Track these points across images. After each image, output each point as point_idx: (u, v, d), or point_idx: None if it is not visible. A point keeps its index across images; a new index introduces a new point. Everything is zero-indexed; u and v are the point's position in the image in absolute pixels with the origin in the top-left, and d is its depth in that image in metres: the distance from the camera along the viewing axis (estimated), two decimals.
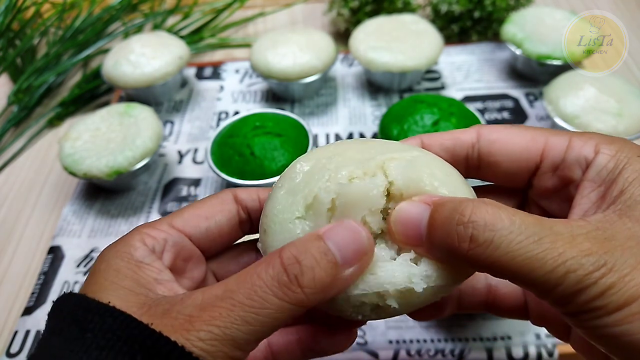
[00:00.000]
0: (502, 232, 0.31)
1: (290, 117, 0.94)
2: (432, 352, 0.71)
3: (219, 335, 0.32)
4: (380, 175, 0.39)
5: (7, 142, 1.13)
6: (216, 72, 1.22)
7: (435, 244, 0.35)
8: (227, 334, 0.32)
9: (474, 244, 0.32)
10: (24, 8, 1.28)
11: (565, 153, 0.40)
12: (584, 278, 0.31)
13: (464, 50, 1.21)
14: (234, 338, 0.33)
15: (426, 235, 0.35)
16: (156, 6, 1.40)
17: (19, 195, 1.02)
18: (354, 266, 0.35)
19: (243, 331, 0.33)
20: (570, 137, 0.40)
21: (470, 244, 0.32)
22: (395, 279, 0.36)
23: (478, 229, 0.32)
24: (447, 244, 0.33)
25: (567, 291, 0.31)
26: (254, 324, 0.33)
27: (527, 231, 0.32)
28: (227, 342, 0.33)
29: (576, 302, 0.31)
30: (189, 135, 1.08)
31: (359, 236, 0.35)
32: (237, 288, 0.34)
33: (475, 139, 0.43)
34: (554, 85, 0.95)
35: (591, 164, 0.38)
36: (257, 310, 0.33)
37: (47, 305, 0.80)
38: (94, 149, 0.89)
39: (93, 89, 1.19)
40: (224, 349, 0.33)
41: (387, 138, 0.89)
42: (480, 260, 0.32)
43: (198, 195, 0.95)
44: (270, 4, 1.45)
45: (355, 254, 0.35)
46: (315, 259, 0.34)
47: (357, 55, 1.06)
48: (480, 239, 0.32)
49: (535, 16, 1.10)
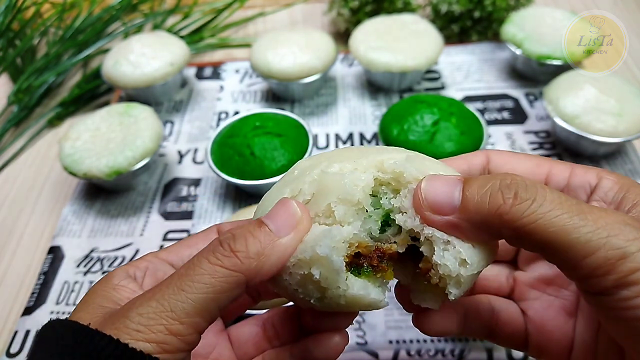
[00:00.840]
0: (543, 192, 0.33)
1: (290, 117, 0.94)
2: (432, 352, 0.71)
3: (157, 309, 0.35)
4: (371, 172, 0.41)
5: (7, 142, 1.13)
6: (216, 72, 1.22)
7: (472, 209, 0.36)
8: (165, 305, 0.35)
9: (518, 200, 0.34)
10: (24, 8, 1.28)
11: (569, 179, 0.42)
12: (625, 243, 0.31)
13: (464, 50, 1.21)
14: (172, 309, 0.35)
15: (461, 202, 0.36)
16: (156, 6, 1.40)
17: (19, 195, 1.02)
18: (290, 235, 0.38)
19: (180, 300, 0.35)
20: (572, 167, 0.43)
21: (514, 200, 0.34)
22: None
23: (522, 187, 0.34)
24: (488, 204, 0.35)
25: (608, 256, 0.31)
26: (190, 290, 0.35)
27: (564, 196, 0.34)
28: (165, 314, 0.34)
29: (616, 271, 0.31)
30: (189, 135, 1.08)
31: (290, 208, 0.39)
32: (178, 270, 0.37)
33: (486, 162, 0.45)
34: (554, 85, 0.95)
35: (596, 187, 0.40)
36: (192, 277, 0.36)
37: (47, 305, 0.80)
38: (94, 149, 0.89)
39: (93, 89, 1.19)
40: (162, 321, 0.34)
41: (387, 138, 0.89)
42: (521, 218, 0.33)
43: (198, 195, 0.95)
44: (270, 4, 1.45)
45: (287, 222, 0.38)
46: (248, 230, 0.38)
47: (357, 55, 1.06)
48: (525, 196, 0.34)
49: (535, 16, 1.10)
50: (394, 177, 0.40)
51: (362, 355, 0.72)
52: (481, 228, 0.36)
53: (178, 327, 0.35)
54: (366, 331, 0.74)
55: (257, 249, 0.37)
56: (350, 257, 0.40)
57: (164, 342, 0.34)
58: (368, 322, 0.75)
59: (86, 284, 0.83)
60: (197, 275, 0.36)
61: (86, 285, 0.82)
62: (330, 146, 1.02)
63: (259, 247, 0.37)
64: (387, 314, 0.75)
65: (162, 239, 0.88)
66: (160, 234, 0.89)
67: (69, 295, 0.81)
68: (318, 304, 0.39)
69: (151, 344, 0.34)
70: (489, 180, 0.36)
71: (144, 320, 0.34)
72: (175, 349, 0.35)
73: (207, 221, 0.90)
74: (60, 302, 0.80)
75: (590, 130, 0.87)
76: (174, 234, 0.89)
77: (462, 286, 0.38)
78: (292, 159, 0.87)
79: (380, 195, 0.41)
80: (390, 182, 0.41)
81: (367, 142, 1.02)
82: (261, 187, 0.87)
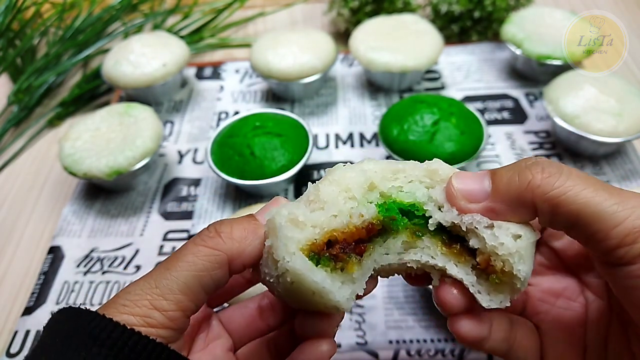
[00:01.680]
0: (568, 168, 0.36)
1: (290, 117, 0.94)
2: (432, 352, 0.71)
3: (144, 286, 0.38)
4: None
5: (7, 142, 1.13)
6: (216, 72, 1.22)
7: (503, 189, 0.38)
8: (151, 283, 0.38)
9: (546, 174, 0.36)
10: (24, 8, 1.28)
11: None
12: None
13: (464, 50, 1.21)
14: (156, 285, 0.38)
15: (492, 186, 0.39)
16: (156, 6, 1.40)
17: (19, 195, 1.02)
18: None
19: (165, 277, 0.38)
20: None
21: (542, 174, 0.36)
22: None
23: (547, 164, 0.37)
24: (519, 181, 0.37)
25: (635, 225, 0.33)
26: (174, 269, 0.38)
27: (587, 174, 0.36)
28: (151, 290, 0.38)
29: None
30: (189, 135, 1.08)
31: (280, 201, 0.43)
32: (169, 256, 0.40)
33: None
34: (554, 85, 0.95)
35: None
36: (178, 257, 0.39)
37: (47, 305, 0.80)
38: (94, 149, 0.89)
39: (93, 89, 1.19)
40: (147, 297, 0.37)
41: (387, 138, 0.89)
42: (552, 189, 0.36)
43: (198, 195, 0.95)
44: (270, 4, 1.45)
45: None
46: (235, 219, 0.42)
47: (357, 55, 1.06)
48: (552, 170, 0.36)
49: (535, 16, 1.10)
50: (428, 174, 0.43)
51: (362, 355, 0.72)
52: (516, 206, 0.38)
53: (162, 303, 0.37)
54: (366, 331, 0.74)
55: (241, 233, 0.40)
56: (321, 245, 0.40)
57: (147, 315, 0.37)
58: (368, 322, 0.75)
59: (86, 284, 0.83)
60: (182, 255, 0.39)
61: (86, 285, 0.82)
62: (330, 146, 1.02)
63: (243, 232, 0.40)
64: (387, 314, 0.75)
65: (162, 239, 0.88)
66: (160, 234, 0.89)
67: (69, 295, 0.81)
68: (280, 290, 0.40)
69: (135, 317, 0.36)
70: (513, 164, 0.39)
71: (130, 297, 0.37)
72: (159, 324, 0.37)
73: (207, 221, 0.90)
74: (61, 302, 0.80)
75: (590, 130, 0.87)
76: (174, 234, 0.89)
77: (526, 260, 0.39)
78: (292, 159, 0.87)
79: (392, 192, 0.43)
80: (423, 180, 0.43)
81: (367, 142, 1.02)
82: (261, 187, 0.87)
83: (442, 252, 0.42)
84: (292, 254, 0.38)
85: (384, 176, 0.43)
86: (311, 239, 0.40)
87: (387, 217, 0.42)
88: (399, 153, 0.87)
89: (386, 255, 0.43)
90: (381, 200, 0.42)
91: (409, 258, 0.42)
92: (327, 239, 0.40)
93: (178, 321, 0.38)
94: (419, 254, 0.42)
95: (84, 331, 0.35)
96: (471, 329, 0.42)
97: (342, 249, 0.40)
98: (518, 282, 0.39)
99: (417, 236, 0.42)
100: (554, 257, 0.50)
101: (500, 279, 0.40)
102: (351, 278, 0.41)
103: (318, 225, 0.40)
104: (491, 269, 0.40)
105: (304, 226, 0.40)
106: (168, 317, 0.37)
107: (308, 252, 0.39)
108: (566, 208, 0.35)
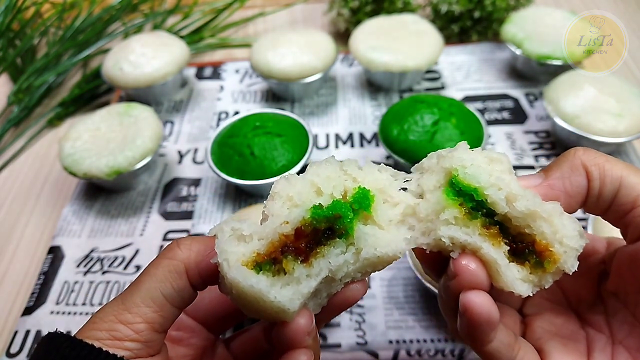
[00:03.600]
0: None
1: (290, 117, 0.94)
2: (432, 352, 0.71)
3: (113, 304, 0.40)
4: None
5: (7, 142, 1.13)
6: (216, 72, 1.22)
7: (554, 167, 0.43)
8: (118, 300, 0.40)
9: (586, 150, 0.42)
10: (24, 8, 1.28)
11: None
12: None
13: (464, 50, 1.21)
14: (123, 301, 0.40)
15: (544, 171, 0.44)
16: (156, 6, 1.40)
17: (19, 195, 1.02)
18: None
19: (130, 292, 0.40)
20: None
21: (583, 150, 0.42)
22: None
23: (582, 149, 0.43)
24: (566, 157, 0.43)
25: None
26: (138, 283, 0.40)
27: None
28: (118, 306, 0.39)
29: None
30: (189, 135, 1.08)
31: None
32: None
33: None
34: (554, 85, 0.95)
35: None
36: (144, 271, 0.41)
37: (47, 305, 0.80)
38: (94, 149, 0.89)
39: (93, 89, 1.19)
40: (113, 312, 0.39)
41: (387, 138, 0.89)
42: (595, 157, 0.41)
43: (198, 195, 0.95)
44: (270, 4, 1.45)
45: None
46: (198, 236, 0.43)
47: (357, 55, 1.06)
48: (588, 149, 0.43)
49: (535, 16, 1.10)
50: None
51: (362, 355, 0.72)
52: (569, 174, 0.42)
53: (126, 316, 0.39)
54: (366, 331, 0.74)
55: (199, 245, 0.42)
56: (269, 254, 0.41)
57: (112, 329, 0.38)
58: (368, 322, 0.75)
59: (86, 284, 0.83)
60: (145, 270, 0.41)
61: (86, 285, 0.82)
62: (330, 146, 1.02)
63: (202, 246, 0.42)
64: (387, 314, 0.75)
65: (162, 239, 0.88)
66: (160, 234, 0.89)
67: (69, 295, 0.81)
68: (237, 304, 0.41)
69: (102, 332, 0.38)
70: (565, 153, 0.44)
71: (100, 314, 0.40)
72: (125, 337, 0.38)
73: (207, 221, 0.90)
74: (60, 302, 0.80)
75: (590, 130, 0.87)
76: (174, 234, 0.89)
77: (576, 259, 0.40)
78: (292, 159, 0.87)
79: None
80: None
81: (367, 142, 1.02)
82: (261, 187, 0.87)
83: (480, 232, 0.42)
84: (231, 268, 0.39)
85: (331, 178, 0.44)
86: (256, 250, 0.41)
87: (328, 217, 0.42)
88: (399, 153, 0.87)
89: (342, 255, 0.42)
90: (338, 198, 0.43)
91: (444, 234, 0.42)
92: (274, 249, 0.41)
93: (145, 334, 0.39)
94: (457, 231, 0.42)
95: (57, 353, 0.38)
96: (485, 301, 0.40)
97: (281, 252, 0.41)
98: (550, 277, 0.41)
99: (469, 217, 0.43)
100: (558, 292, 0.51)
101: (544, 268, 0.41)
102: (294, 279, 0.41)
103: (264, 236, 0.41)
104: (545, 255, 0.41)
105: (250, 239, 0.41)
106: (133, 329, 0.39)
107: (254, 263, 0.40)
108: (611, 172, 0.41)
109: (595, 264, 0.48)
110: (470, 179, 0.42)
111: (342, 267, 0.42)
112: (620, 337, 0.45)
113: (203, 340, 0.51)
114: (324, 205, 0.42)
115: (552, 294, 0.51)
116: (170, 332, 0.49)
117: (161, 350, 0.43)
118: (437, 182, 0.44)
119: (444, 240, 0.42)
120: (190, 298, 0.43)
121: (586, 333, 0.47)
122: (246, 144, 0.87)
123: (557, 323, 0.48)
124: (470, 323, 0.40)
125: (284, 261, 0.41)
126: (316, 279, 0.41)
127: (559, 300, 0.50)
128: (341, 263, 0.42)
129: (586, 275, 0.49)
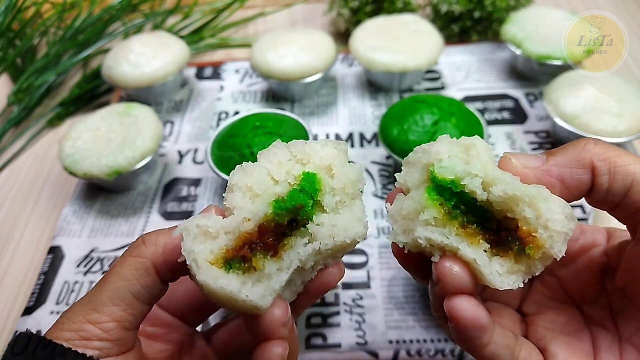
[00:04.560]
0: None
1: (290, 117, 0.94)
2: (432, 352, 0.71)
3: (81, 304, 0.40)
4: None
5: (7, 142, 1.13)
6: (216, 72, 1.22)
7: (560, 153, 0.41)
8: (86, 300, 0.40)
9: (597, 142, 0.40)
10: (24, 8, 1.28)
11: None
12: None
13: (464, 50, 1.21)
14: (90, 301, 0.40)
15: (548, 154, 0.42)
16: (156, 6, 1.40)
17: (19, 195, 1.02)
18: None
19: (97, 292, 0.40)
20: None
21: (595, 142, 0.40)
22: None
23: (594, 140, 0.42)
24: (575, 146, 0.41)
25: None
26: (105, 283, 0.40)
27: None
28: (86, 306, 0.39)
29: None
30: (189, 135, 1.08)
31: (210, 210, 0.43)
32: None
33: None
34: (554, 85, 0.95)
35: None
36: (109, 271, 0.41)
37: (47, 305, 0.80)
38: (94, 149, 0.89)
39: (93, 89, 1.19)
40: (82, 312, 0.39)
41: (387, 138, 0.89)
42: (605, 151, 0.39)
43: (198, 195, 0.95)
44: (270, 4, 1.45)
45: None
46: (162, 229, 0.43)
47: (357, 55, 1.06)
48: (600, 141, 0.41)
49: (535, 16, 1.10)
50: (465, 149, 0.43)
51: (362, 355, 0.72)
52: (572, 165, 0.40)
53: (94, 316, 0.39)
54: (366, 331, 0.74)
55: (165, 239, 0.41)
56: (238, 249, 0.40)
57: (80, 329, 0.38)
58: (368, 322, 0.75)
59: (86, 284, 0.83)
60: (111, 269, 0.41)
61: (86, 286, 0.82)
62: None
63: (167, 239, 0.41)
64: (387, 314, 0.75)
65: None
66: None
67: (69, 295, 0.81)
68: (204, 294, 0.40)
69: (70, 332, 0.38)
70: (571, 143, 0.42)
71: (68, 314, 0.40)
72: (93, 336, 0.38)
73: None
74: (60, 302, 0.80)
75: (590, 130, 0.87)
76: None
77: (565, 244, 0.39)
78: None
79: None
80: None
81: (367, 142, 1.02)
82: None
83: (457, 232, 0.40)
84: (200, 268, 0.39)
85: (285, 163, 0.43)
86: (224, 247, 0.40)
87: (290, 209, 0.41)
88: (399, 153, 0.87)
89: (310, 245, 0.42)
90: (296, 185, 0.42)
91: (420, 235, 0.40)
92: (243, 242, 0.40)
93: (114, 332, 0.39)
94: (433, 232, 0.40)
95: (28, 353, 0.39)
96: (469, 307, 0.38)
97: (250, 249, 0.40)
98: (539, 264, 0.39)
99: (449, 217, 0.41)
100: (559, 288, 0.49)
101: (529, 255, 0.39)
102: (265, 275, 0.40)
103: (230, 231, 0.40)
104: (527, 241, 0.39)
105: (217, 235, 0.40)
106: (102, 328, 0.39)
107: (223, 260, 0.40)
108: (623, 167, 0.38)
109: (596, 257, 0.47)
110: (445, 172, 0.41)
111: (310, 257, 0.42)
112: (627, 335, 0.43)
113: (181, 334, 0.50)
114: (282, 194, 0.41)
115: (553, 291, 0.50)
116: (145, 328, 0.49)
117: (134, 346, 0.42)
118: (421, 177, 0.43)
119: (420, 242, 0.41)
120: (161, 293, 0.43)
121: (590, 331, 0.46)
122: (246, 144, 0.87)
123: (560, 321, 0.47)
124: (459, 329, 0.39)
125: (254, 259, 0.40)
126: (287, 272, 0.41)
127: (560, 298, 0.49)
128: (310, 252, 0.42)
129: (588, 269, 0.47)
